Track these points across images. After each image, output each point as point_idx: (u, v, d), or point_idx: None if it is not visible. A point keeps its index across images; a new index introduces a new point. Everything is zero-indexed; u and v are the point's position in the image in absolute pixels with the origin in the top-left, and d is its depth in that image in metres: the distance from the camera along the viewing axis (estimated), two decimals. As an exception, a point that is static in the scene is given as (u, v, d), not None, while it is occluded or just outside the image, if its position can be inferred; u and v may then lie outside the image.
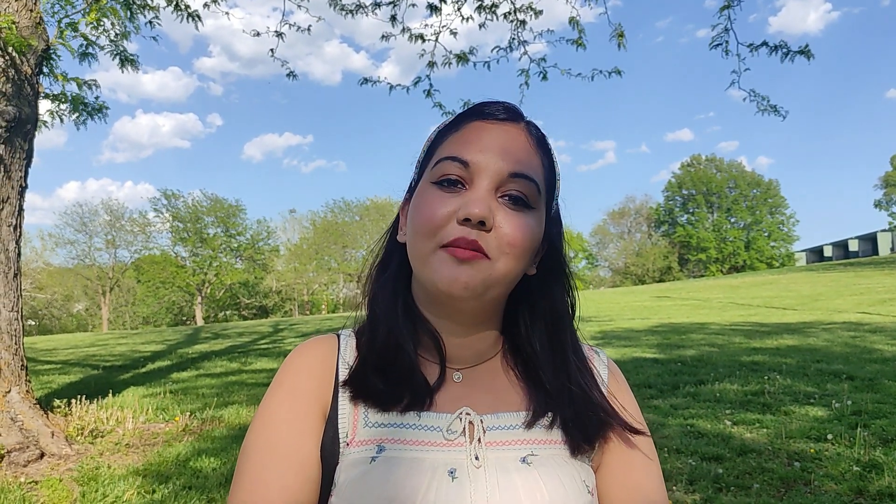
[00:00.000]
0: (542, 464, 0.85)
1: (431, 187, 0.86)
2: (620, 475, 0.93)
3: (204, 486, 4.17)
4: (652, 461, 0.95)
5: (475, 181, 0.84)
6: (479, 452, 0.84)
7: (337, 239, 55.21)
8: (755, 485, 3.83)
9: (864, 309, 15.53)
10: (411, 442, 0.85)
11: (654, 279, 67.06)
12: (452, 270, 0.81)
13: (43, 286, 48.03)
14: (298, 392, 0.89)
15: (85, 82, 6.84)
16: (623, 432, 0.93)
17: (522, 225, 0.84)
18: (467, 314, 0.90)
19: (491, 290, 0.84)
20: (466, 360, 0.94)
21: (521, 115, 0.92)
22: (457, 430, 0.86)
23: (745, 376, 7.18)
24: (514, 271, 0.85)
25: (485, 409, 0.90)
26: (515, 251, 0.83)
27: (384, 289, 0.95)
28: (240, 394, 7.53)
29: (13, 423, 4.73)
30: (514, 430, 0.88)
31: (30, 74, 5.23)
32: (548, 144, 0.92)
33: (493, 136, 0.86)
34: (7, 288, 5.01)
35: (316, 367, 0.92)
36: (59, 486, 4.17)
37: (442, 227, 0.82)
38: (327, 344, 0.96)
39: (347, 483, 0.82)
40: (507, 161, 0.84)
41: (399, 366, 0.89)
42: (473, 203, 0.81)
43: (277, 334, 16.89)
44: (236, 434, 5.48)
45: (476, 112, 0.90)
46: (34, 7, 5.25)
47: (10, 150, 5.04)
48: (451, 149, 0.87)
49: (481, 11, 7.59)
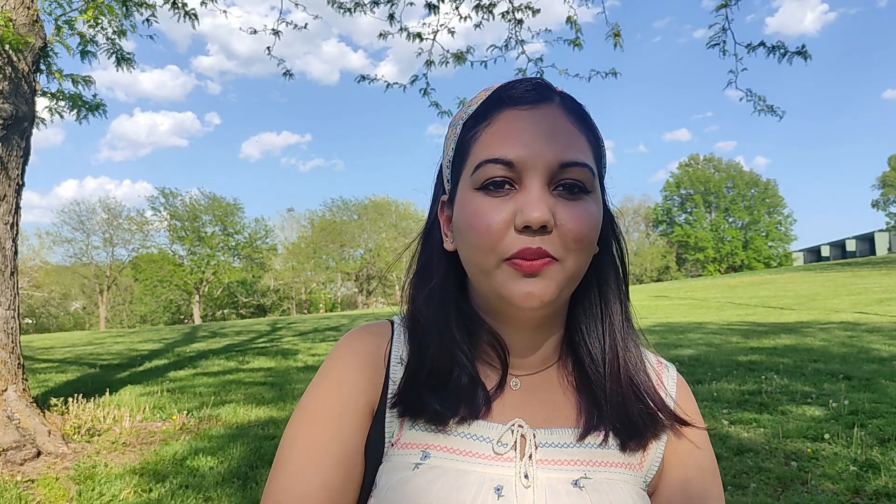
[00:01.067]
0: (595, 489, 0.79)
1: (476, 195, 0.78)
2: (676, 483, 0.88)
3: (201, 485, 4.16)
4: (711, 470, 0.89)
5: (524, 180, 0.76)
6: (528, 470, 0.79)
7: (335, 238, 55.19)
8: (752, 484, 3.84)
9: (861, 309, 15.55)
10: (458, 451, 0.80)
11: (651, 279, 67.09)
12: (523, 285, 0.75)
13: (40, 284, 47.96)
14: (346, 385, 0.84)
15: (83, 78, 6.82)
16: (681, 438, 0.88)
17: (584, 214, 0.77)
18: (537, 320, 0.85)
19: (564, 293, 0.79)
20: (528, 367, 0.88)
21: (552, 90, 0.83)
22: (508, 443, 0.81)
23: (742, 376, 7.19)
24: (584, 266, 0.80)
25: (539, 422, 0.84)
26: (582, 245, 0.77)
27: (432, 300, 0.87)
28: (237, 392, 7.52)
29: (10, 421, 4.72)
30: (567, 449, 0.83)
31: (27, 72, 5.22)
32: (587, 116, 0.84)
33: (531, 124, 0.78)
34: (3, 286, 5.00)
35: (366, 359, 0.86)
36: (55, 484, 4.17)
37: (500, 239, 0.76)
38: (379, 334, 0.90)
39: (388, 487, 0.79)
40: (553, 151, 0.77)
41: (455, 381, 0.83)
42: (530, 207, 0.74)
43: (275, 333, 16.86)
44: (233, 433, 5.47)
45: (504, 99, 0.81)
46: (31, 4, 5.24)
47: (6, 148, 5.03)
48: (489, 149, 0.79)
49: (479, 10, 7.59)
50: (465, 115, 0.85)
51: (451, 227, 0.86)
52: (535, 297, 0.75)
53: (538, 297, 0.76)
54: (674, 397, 0.92)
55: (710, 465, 0.90)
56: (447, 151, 0.88)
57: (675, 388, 0.93)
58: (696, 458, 0.89)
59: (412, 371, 0.85)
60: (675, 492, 0.87)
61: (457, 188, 0.84)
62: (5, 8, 5.00)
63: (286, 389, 7.63)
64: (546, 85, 0.84)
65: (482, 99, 0.84)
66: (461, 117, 0.86)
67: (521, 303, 0.76)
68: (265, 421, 5.95)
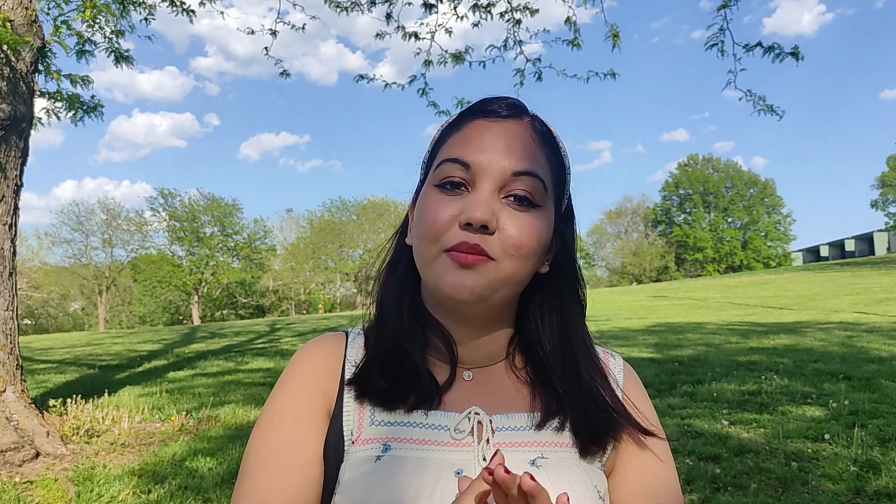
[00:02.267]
0: (552, 467, 0.83)
1: (434, 190, 0.84)
2: (632, 479, 0.90)
3: (200, 486, 4.15)
4: (666, 464, 0.92)
5: (477, 183, 0.82)
6: (486, 453, 0.83)
7: (334, 238, 55.17)
8: (752, 485, 3.83)
9: (860, 309, 15.56)
10: (418, 441, 0.84)
11: (650, 279, 67.13)
12: (456, 276, 0.80)
13: (39, 285, 47.93)
14: (302, 390, 0.88)
15: (81, 78, 6.81)
16: (635, 434, 0.91)
17: (528, 225, 0.81)
18: (476, 317, 0.88)
19: (498, 293, 0.82)
20: (477, 362, 0.92)
21: (524, 111, 0.89)
22: (465, 429, 0.84)
23: (742, 376, 7.18)
24: (520, 272, 0.83)
25: (494, 409, 0.88)
26: (521, 252, 0.81)
27: (392, 291, 0.93)
28: (236, 393, 7.51)
29: (8, 422, 4.71)
30: (523, 432, 0.87)
31: (25, 72, 5.20)
32: (554, 139, 0.89)
33: (495, 134, 0.84)
34: (2, 287, 4.99)
35: (322, 365, 0.91)
36: (54, 485, 4.16)
37: (444, 231, 0.81)
38: (334, 342, 0.95)
39: (352, 482, 0.81)
40: (509, 160, 0.82)
41: (404, 366, 0.88)
42: (474, 206, 0.79)
43: (274, 334, 16.85)
44: (232, 434, 5.46)
45: (478, 110, 0.87)
46: (30, 4, 5.23)
47: (5, 149, 5.02)
48: (452, 150, 0.85)
49: (476, 10, 7.59)
50: (447, 123, 0.92)
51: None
52: (465, 289, 0.79)
53: (468, 289, 0.79)
54: (621, 384, 0.96)
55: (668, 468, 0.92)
56: (425, 154, 0.94)
57: (623, 376, 0.98)
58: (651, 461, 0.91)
59: (369, 356, 0.91)
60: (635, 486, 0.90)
61: (422, 187, 0.90)
62: (3, 8, 4.99)
63: (285, 390, 7.60)
64: (521, 106, 0.89)
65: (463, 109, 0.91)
66: (443, 125, 0.92)
67: (453, 293, 0.80)
68: (264, 422, 5.93)
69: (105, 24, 7.12)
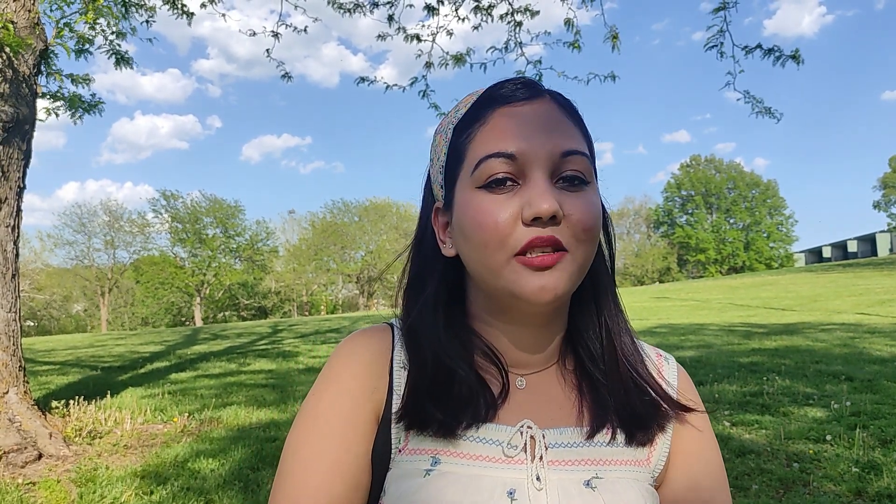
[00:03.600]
0: (608, 489, 0.79)
1: (479, 193, 0.78)
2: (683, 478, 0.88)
3: (202, 487, 4.16)
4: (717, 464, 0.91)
5: (528, 173, 0.76)
6: (540, 472, 0.79)
7: (336, 240, 55.23)
8: (754, 486, 3.83)
9: (862, 310, 15.54)
10: (469, 456, 0.79)
11: (653, 280, 67.08)
12: (534, 280, 0.75)
13: (42, 287, 48.04)
14: (349, 393, 0.82)
15: (82, 77, 6.84)
16: (686, 427, 0.89)
17: (589, 204, 0.78)
18: (543, 316, 0.84)
19: (575, 285, 0.79)
20: (533, 365, 0.88)
21: (541, 88, 0.84)
22: (518, 445, 0.80)
23: (743, 377, 7.18)
24: (591, 256, 0.80)
25: (546, 422, 0.84)
26: (590, 235, 0.77)
27: (426, 308, 0.86)
28: (238, 395, 7.52)
29: (11, 424, 4.72)
30: (576, 448, 0.82)
31: (27, 75, 5.22)
32: (577, 112, 0.85)
33: (528, 118, 0.79)
34: (5, 289, 5.00)
35: (368, 367, 0.84)
36: (56, 487, 4.17)
37: (509, 234, 0.75)
38: (380, 339, 0.88)
39: (399, 495, 0.78)
40: (553, 141, 0.77)
41: (457, 390, 0.82)
42: (539, 198, 0.74)
43: (276, 335, 16.87)
44: (235, 435, 5.47)
45: (496, 98, 0.82)
46: (32, 7, 5.24)
47: (7, 151, 5.03)
48: (487, 145, 0.78)
49: (478, 12, 7.60)
50: (454, 119, 0.86)
51: (449, 233, 0.86)
52: (548, 291, 0.75)
53: (552, 290, 0.75)
54: (675, 387, 0.92)
55: (716, 459, 0.91)
56: (438, 158, 0.87)
57: (677, 378, 0.94)
58: (702, 453, 0.90)
59: (414, 383, 0.83)
60: (682, 488, 0.88)
61: (454, 192, 0.83)
62: (6, 10, 5.01)
63: (287, 391, 7.63)
64: (535, 83, 0.84)
65: (471, 102, 0.85)
66: (451, 122, 0.86)
67: (535, 297, 0.75)
68: (266, 423, 5.95)
69: (107, 27, 7.14)
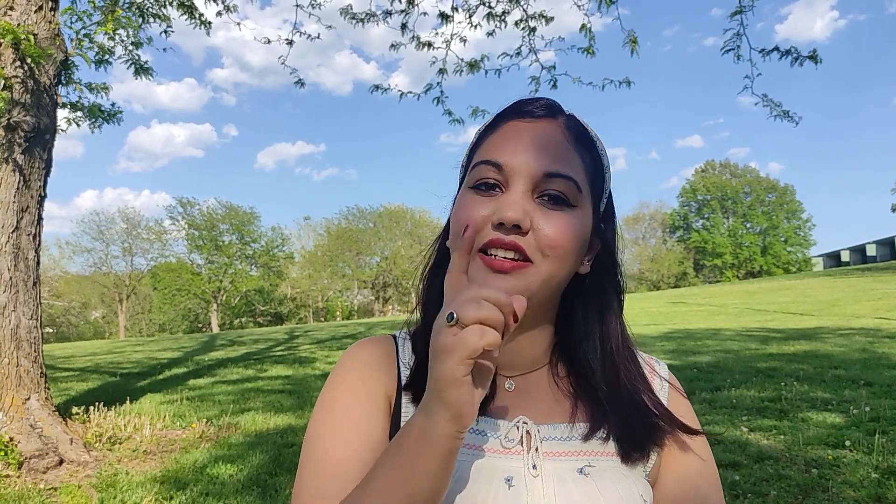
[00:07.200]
0: (600, 476, 0.84)
1: (469, 192, 0.84)
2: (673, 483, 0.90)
3: (221, 492, 4.19)
4: (707, 463, 0.92)
5: (510, 184, 0.81)
6: (536, 461, 0.84)
7: (351, 246, 55.41)
8: (772, 492, 3.81)
9: (882, 314, 15.36)
10: (469, 446, 0.85)
11: (669, 285, 66.67)
12: (490, 280, 0.78)
13: (60, 294, 48.48)
14: (366, 380, 0.88)
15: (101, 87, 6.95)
16: (678, 438, 0.91)
17: (563, 224, 0.81)
18: None
19: (535, 296, 0.81)
20: (517, 367, 0.92)
21: (559, 111, 0.88)
22: (514, 438, 0.86)
23: (761, 382, 7.13)
24: (559, 273, 0.82)
25: (540, 418, 0.89)
26: (557, 252, 0.80)
27: (434, 296, 0.92)
28: (256, 400, 7.57)
29: (32, 429, 4.78)
30: (570, 442, 0.87)
31: (48, 85, 5.30)
32: (591, 138, 0.88)
33: (528, 135, 0.84)
34: (27, 296, 5.07)
35: (379, 362, 0.91)
36: (77, 492, 4.22)
37: (478, 231, 0.80)
38: (385, 344, 0.95)
39: None
40: (540, 161, 0.81)
41: None
42: (506, 206, 0.79)
43: (293, 341, 16.93)
44: (253, 441, 5.50)
45: (513, 111, 0.87)
46: (53, 18, 5.33)
47: (29, 160, 5.11)
48: (486, 152, 0.85)
49: (491, 19, 7.62)
50: (483, 125, 0.92)
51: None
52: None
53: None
54: (667, 394, 0.96)
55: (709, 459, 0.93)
56: (463, 158, 0.95)
57: (668, 385, 0.97)
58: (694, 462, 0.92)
59: (421, 360, 0.88)
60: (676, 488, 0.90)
61: (461, 188, 0.90)
62: (27, 22, 5.09)
63: (305, 397, 7.66)
64: (557, 106, 0.89)
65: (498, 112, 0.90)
66: (480, 126, 0.92)
67: None
68: (284, 429, 5.98)
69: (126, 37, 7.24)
